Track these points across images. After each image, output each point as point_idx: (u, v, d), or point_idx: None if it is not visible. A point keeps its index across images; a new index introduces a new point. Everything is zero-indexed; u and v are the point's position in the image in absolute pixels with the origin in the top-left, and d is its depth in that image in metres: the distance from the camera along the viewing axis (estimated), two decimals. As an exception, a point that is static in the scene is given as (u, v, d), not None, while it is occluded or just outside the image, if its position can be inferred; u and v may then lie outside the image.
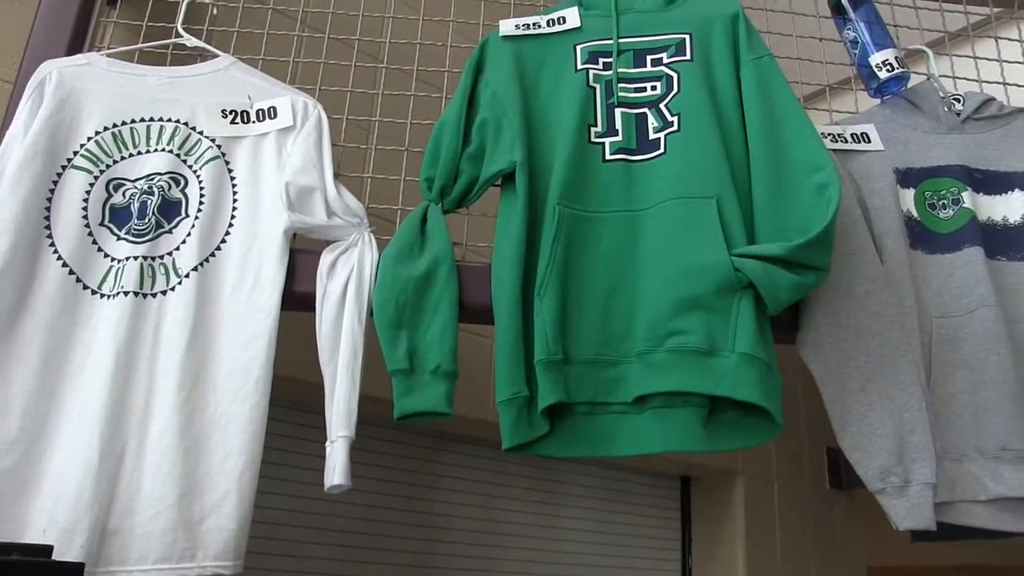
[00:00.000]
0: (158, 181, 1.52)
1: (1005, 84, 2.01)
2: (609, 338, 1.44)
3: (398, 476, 2.50)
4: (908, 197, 1.72)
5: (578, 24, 1.72)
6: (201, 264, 1.48)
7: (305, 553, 2.28)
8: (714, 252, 1.39)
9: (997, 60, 2.04)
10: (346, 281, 1.50)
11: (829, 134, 1.75)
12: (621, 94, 1.62)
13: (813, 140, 1.52)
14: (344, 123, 1.73)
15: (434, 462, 2.59)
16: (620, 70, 1.65)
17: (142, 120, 1.57)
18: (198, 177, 1.54)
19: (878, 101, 1.88)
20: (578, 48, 1.69)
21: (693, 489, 3.22)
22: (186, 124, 1.58)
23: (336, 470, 1.37)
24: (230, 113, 1.61)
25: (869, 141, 1.76)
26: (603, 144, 1.58)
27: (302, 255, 1.54)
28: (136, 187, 1.52)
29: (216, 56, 1.70)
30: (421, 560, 2.52)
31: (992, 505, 1.50)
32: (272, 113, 1.62)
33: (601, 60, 1.67)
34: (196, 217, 1.51)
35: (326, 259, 1.52)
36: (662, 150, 1.55)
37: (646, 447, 1.40)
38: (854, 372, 1.52)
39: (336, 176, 1.61)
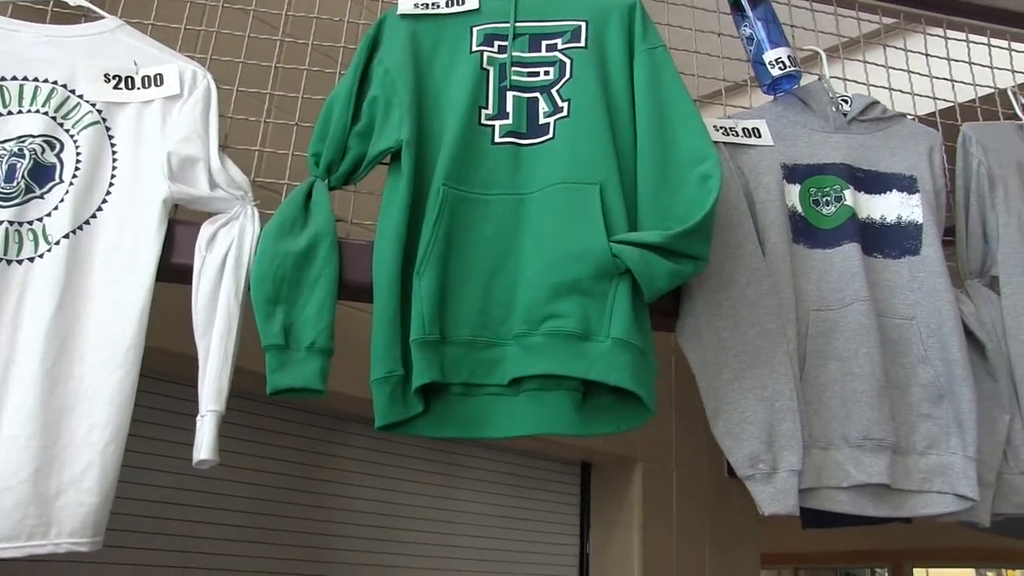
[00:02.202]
0: (30, 144, 1.48)
1: (890, 89, 2.06)
2: (488, 320, 1.44)
3: (293, 456, 2.48)
4: (794, 192, 1.76)
5: (476, 6, 1.72)
6: (74, 231, 1.44)
7: (193, 532, 2.24)
8: (593, 238, 1.40)
9: (884, 66, 2.09)
10: (225, 254, 1.48)
11: (721, 127, 1.77)
12: (514, 78, 1.63)
13: (699, 131, 1.54)
14: (235, 94, 1.70)
15: (331, 443, 2.57)
16: (515, 54, 1.65)
17: (14, 79, 1.52)
18: (75, 142, 1.50)
19: (772, 98, 1.91)
20: (474, 30, 1.69)
21: (593, 476, 3.26)
22: (64, 86, 1.54)
23: (203, 445, 1.35)
24: (113, 78, 1.57)
25: (760, 136, 1.79)
26: (493, 127, 1.58)
27: (182, 226, 1.51)
28: (4, 149, 1.47)
29: (102, 17, 1.65)
30: (315, 542, 2.51)
31: (853, 491, 1.55)
32: (158, 80, 1.58)
33: (496, 43, 1.67)
34: (71, 183, 1.47)
35: (206, 231, 1.50)
36: (551, 135, 1.56)
37: (519, 429, 1.41)
38: (730, 361, 1.54)
39: (223, 148, 1.58)
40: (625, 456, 3.11)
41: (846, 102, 1.91)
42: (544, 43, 1.67)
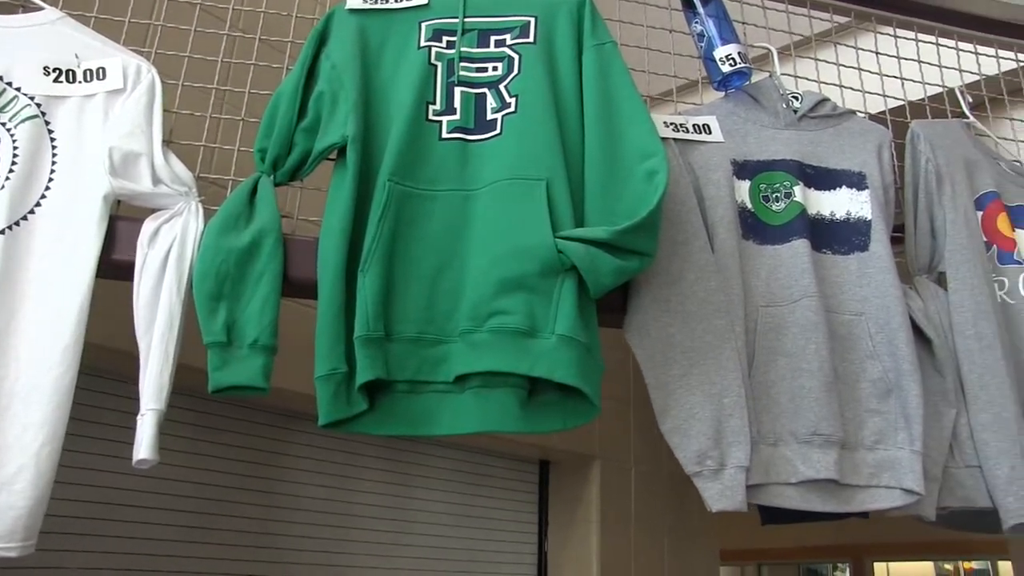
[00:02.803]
0: (-37, 139, 1.45)
1: (841, 87, 2.07)
2: (434, 316, 1.43)
3: (243, 455, 2.45)
4: (744, 189, 1.76)
5: (425, 1, 1.71)
6: (10, 227, 1.41)
7: (138, 534, 2.21)
8: (539, 234, 1.39)
9: (835, 64, 2.11)
10: (168, 250, 1.45)
11: (671, 124, 1.77)
12: (462, 73, 1.62)
13: (646, 127, 1.54)
14: (180, 89, 1.68)
15: (282, 441, 2.54)
16: (463, 49, 1.64)
17: (-54, 71, 1.49)
18: (12, 136, 1.47)
19: (723, 94, 1.91)
20: (423, 25, 1.67)
21: (551, 473, 3.26)
22: (0, 79, 1.50)
23: (143, 444, 1.33)
24: (54, 71, 1.54)
25: (710, 132, 1.79)
26: (440, 122, 1.57)
27: (124, 222, 1.49)
28: (-65, 143, 1.44)
29: (41, 8, 1.62)
30: (266, 542, 2.48)
31: (802, 487, 1.55)
32: (101, 74, 1.55)
33: (445, 38, 1.66)
34: (7, 178, 1.44)
35: (148, 227, 1.47)
36: (498, 131, 1.55)
37: (464, 427, 1.40)
38: (679, 357, 1.54)
39: (167, 143, 1.56)
40: (583, 454, 3.11)
41: (796, 99, 1.91)
42: (493, 39, 1.66)
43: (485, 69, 1.62)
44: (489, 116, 1.57)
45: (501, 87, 1.60)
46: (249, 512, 2.45)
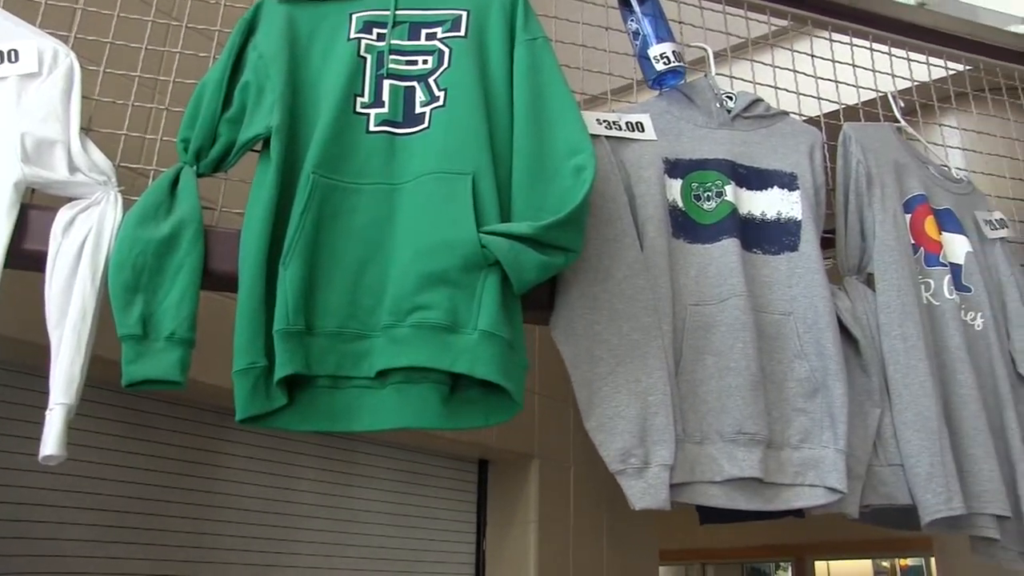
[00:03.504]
0: None
1: (776, 88, 2.09)
2: (357, 311, 1.41)
3: (175, 453, 2.40)
4: (675, 187, 1.76)
5: None
6: (-84, 215, 1.36)
7: (60, 535, 2.15)
8: (462, 228, 1.38)
9: (771, 66, 2.12)
10: (83, 240, 1.41)
11: (604, 121, 1.77)
12: (392, 66, 1.60)
13: (576, 123, 1.54)
14: (101, 75, 1.63)
15: (217, 439, 2.50)
16: (393, 42, 1.62)
17: None
18: (-82, 121, 1.42)
19: (658, 92, 1.91)
20: (354, 17, 1.65)
21: (490, 472, 3.24)
22: (-94, 62, 1.46)
23: (49, 440, 1.29)
24: (-37, 54, 1.49)
25: (643, 131, 1.79)
26: (368, 115, 1.55)
27: (36, 211, 1.44)
28: None
29: (-51, -10, 1.57)
30: (198, 542, 2.44)
31: (727, 485, 1.55)
32: (13, 56, 1.51)
33: (375, 30, 1.64)
34: (-88, 164, 1.39)
35: (63, 216, 1.43)
36: (426, 124, 1.54)
37: (385, 422, 1.38)
38: (605, 355, 1.54)
39: (85, 131, 1.52)
40: (522, 453, 3.10)
41: (730, 99, 1.92)
42: (424, 32, 1.64)
43: (415, 62, 1.61)
44: (418, 110, 1.56)
45: (430, 80, 1.58)
46: (181, 512, 2.40)
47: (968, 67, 2.53)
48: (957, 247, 2.05)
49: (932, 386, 1.75)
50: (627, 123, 1.79)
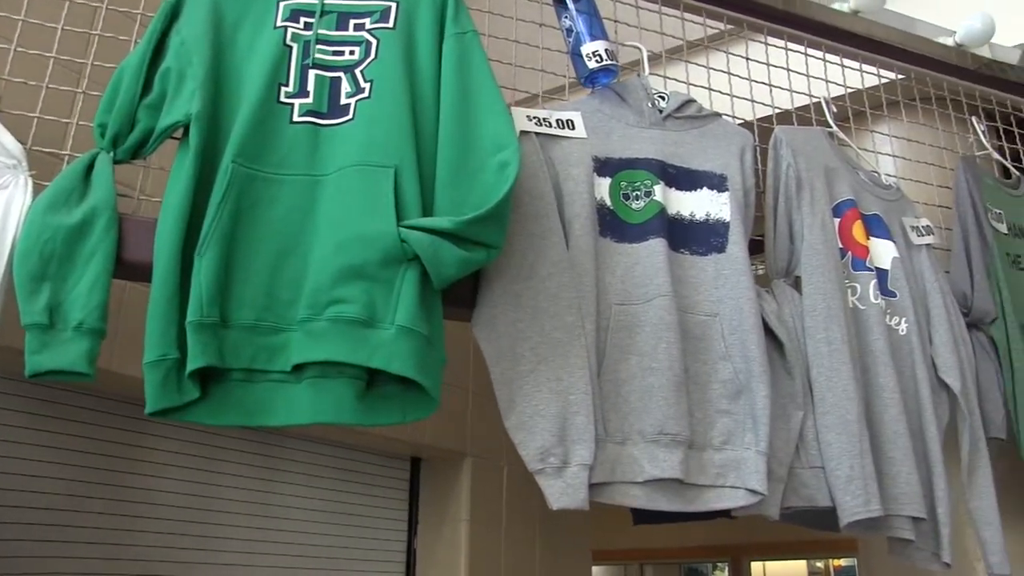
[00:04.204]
0: None
1: (710, 90, 2.10)
2: (274, 304, 1.39)
3: (93, 447, 2.34)
4: (604, 186, 1.75)
5: None
6: None
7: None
8: (382, 222, 1.36)
9: (705, 67, 2.13)
10: (-12, 226, 1.37)
11: (534, 117, 1.76)
12: (318, 56, 1.57)
13: (502, 119, 1.52)
14: (12, 54, 1.59)
15: (137, 432, 2.44)
16: (320, 31, 1.60)
17: None
18: None
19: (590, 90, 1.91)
20: (281, 5, 1.63)
21: (422, 470, 3.22)
22: None
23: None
24: None
25: (573, 128, 1.78)
26: (292, 105, 1.53)
27: (-60, 196, 1.39)
28: None
29: None
30: (120, 539, 2.38)
31: (648, 486, 1.55)
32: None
33: (303, 19, 1.61)
34: None
35: (-32, 200, 1.38)
36: (351, 116, 1.52)
37: (300, 417, 1.36)
38: (527, 353, 1.52)
39: (-6, 112, 1.47)
40: (455, 451, 3.08)
41: (663, 99, 1.92)
42: (352, 22, 1.62)
43: (342, 53, 1.58)
44: (343, 101, 1.54)
45: (357, 72, 1.56)
46: (100, 508, 2.34)
47: (900, 76, 2.57)
48: (884, 252, 2.07)
49: (855, 389, 1.77)
50: (557, 120, 1.78)
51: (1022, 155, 2.74)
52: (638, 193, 1.76)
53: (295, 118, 1.51)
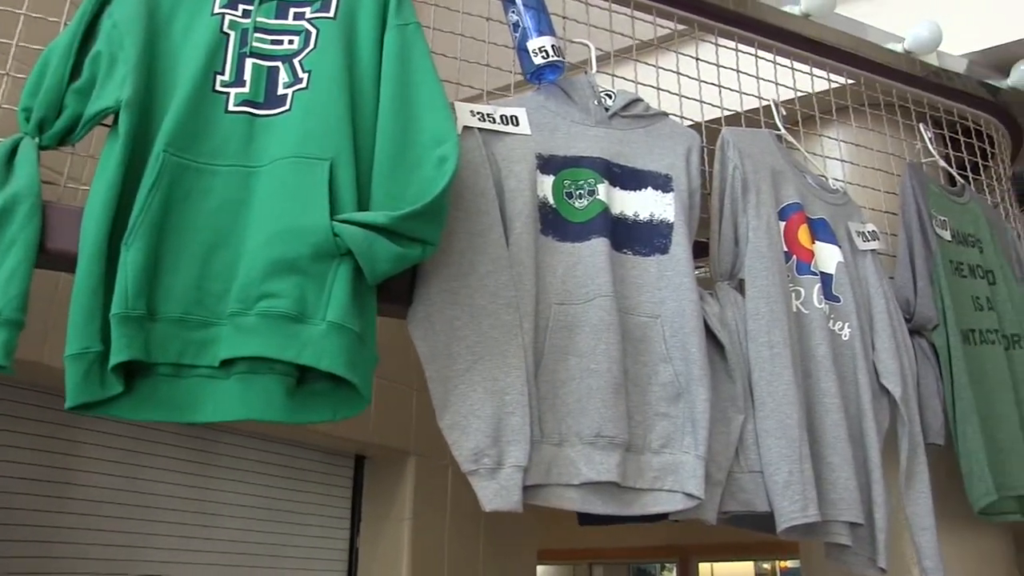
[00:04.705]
0: None
1: (659, 90, 2.09)
2: (204, 297, 1.35)
3: (20, 440, 2.27)
4: (547, 183, 1.73)
5: None
6: None
7: None
8: (315, 215, 1.33)
9: (654, 66, 2.12)
10: (-98, 212, 1.32)
11: (478, 113, 1.73)
12: (256, 44, 1.53)
13: (442, 112, 1.50)
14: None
15: (66, 425, 2.37)
16: (259, 19, 1.56)
17: None
18: None
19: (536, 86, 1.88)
20: None
21: (366, 468, 3.18)
22: None
23: None
24: None
25: (517, 124, 1.76)
26: (228, 94, 1.49)
27: None
28: None
29: None
30: (48, 535, 2.31)
31: (584, 488, 1.53)
32: None
33: (241, 6, 1.57)
34: None
35: None
36: (287, 107, 1.48)
37: (227, 414, 1.32)
38: (463, 351, 1.50)
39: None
40: (399, 449, 3.05)
41: (609, 97, 1.90)
42: (292, 11, 1.58)
43: (280, 42, 1.55)
44: (280, 91, 1.50)
45: (295, 61, 1.52)
46: (26, 504, 2.28)
47: (850, 81, 2.58)
48: (829, 257, 2.07)
49: (795, 394, 1.76)
50: (501, 116, 1.75)
51: (967, 163, 2.76)
52: (581, 192, 1.74)
53: (230, 107, 1.47)
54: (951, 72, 2.75)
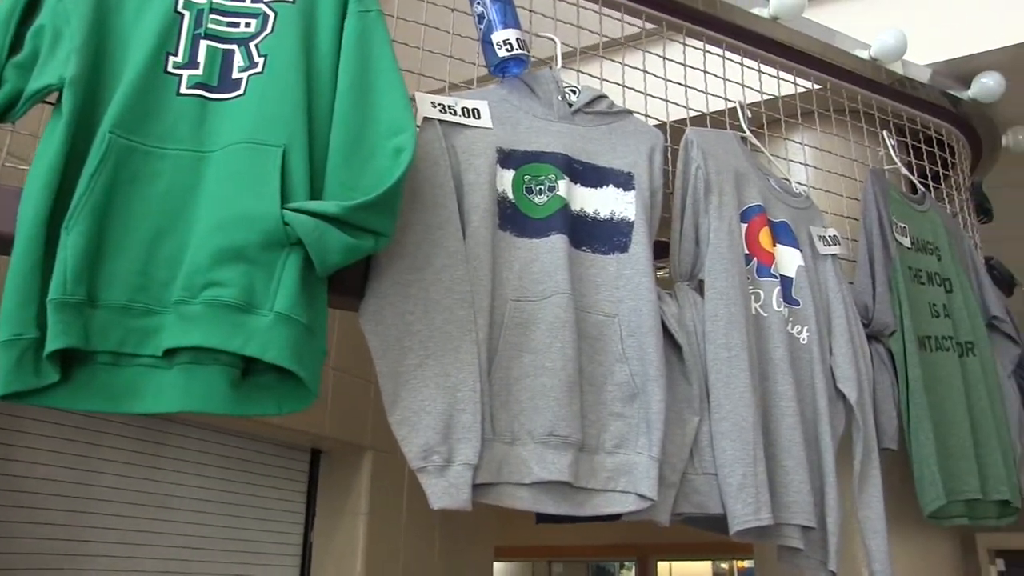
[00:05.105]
0: None
1: (624, 87, 2.07)
2: (149, 284, 1.31)
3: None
4: (507, 178, 1.71)
5: None
6: None
7: None
8: (265, 203, 1.29)
9: (620, 63, 2.10)
10: None
11: (439, 104, 1.70)
12: (211, 26, 1.49)
13: (400, 102, 1.47)
14: None
15: (7, 414, 2.31)
16: (215, 1, 1.51)
17: None
18: None
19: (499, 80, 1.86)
20: None
21: (322, 462, 3.14)
22: None
23: None
24: None
25: (479, 117, 1.73)
26: (180, 76, 1.44)
27: None
28: None
29: None
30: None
31: (534, 488, 1.51)
32: None
33: None
34: None
35: None
36: (242, 91, 1.44)
37: (168, 405, 1.28)
38: (416, 346, 1.47)
39: None
40: (355, 444, 3.01)
41: (573, 92, 1.88)
42: (250, -8, 1.54)
43: (237, 24, 1.51)
44: (235, 75, 1.46)
45: (251, 45, 1.48)
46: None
47: (816, 86, 2.58)
48: (789, 260, 2.06)
49: (751, 397, 1.75)
50: (463, 109, 1.72)
51: (928, 172, 2.77)
52: (541, 187, 1.72)
53: (182, 90, 1.43)
54: (915, 81, 2.76)
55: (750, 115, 2.26)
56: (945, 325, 2.34)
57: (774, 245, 2.03)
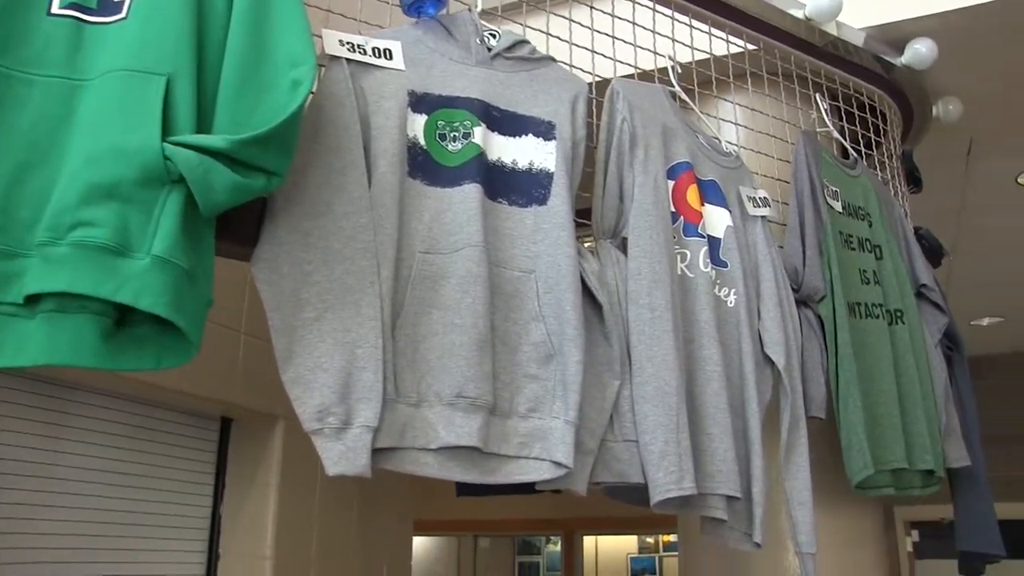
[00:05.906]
0: None
1: (548, 36, 1.96)
2: (11, 224, 1.17)
3: None
4: (419, 123, 1.59)
5: None
6: None
7: None
8: (144, 135, 1.16)
9: (545, 10, 1.99)
10: None
11: (347, 43, 1.58)
12: (90, -59, 1.34)
13: (301, 33, 1.35)
14: None
15: None
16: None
17: None
18: None
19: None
20: None
21: (232, 431, 2.99)
22: None
23: None
24: None
25: (391, 58, 1.61)
26: (53, -5, 1.30)
27: None
28: None
29: None
30: None
31: (441, 454, 1.41)
32: None
33: None
34: None
35: None
36: (123, 15, 1.30)
37: (30, 357, 1.14)
38: (313, 299, 1.35)
39: None
40: (267, 413, 2.87)
41: (493, 36, 1.77)
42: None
43: (121, -59, 1.36)
44: (116, -4, 1.32)
45: (136, -35, 1.34)
46: None
47: (750, 46, 2.50)
48: (718, 220, 1.98)
49: (675, 360, 1.67)
50: (374, 49, 1.60)
51: (860, 138, 2.72)
52: (456, 134, 1.61)
53: (54, 10, 1.28)
54: (849, 44, 2.70)
55: (680, 71, 2.17)
56: (875, 292, 2.29)
57: (702, 204, 1.95)
